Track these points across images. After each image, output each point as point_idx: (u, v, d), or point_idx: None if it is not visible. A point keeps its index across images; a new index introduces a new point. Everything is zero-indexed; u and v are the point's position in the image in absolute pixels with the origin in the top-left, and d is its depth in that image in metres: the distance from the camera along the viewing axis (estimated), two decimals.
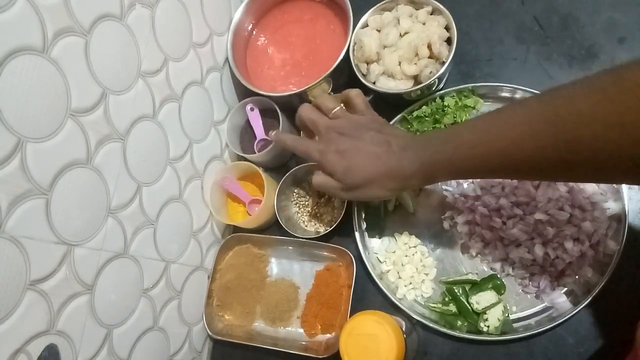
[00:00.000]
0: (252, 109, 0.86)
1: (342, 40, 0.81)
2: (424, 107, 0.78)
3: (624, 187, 0.65)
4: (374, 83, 0.76)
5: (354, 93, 0.66)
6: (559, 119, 0.45)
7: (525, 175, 0.60)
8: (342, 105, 0.66)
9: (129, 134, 0.63)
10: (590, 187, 0.66)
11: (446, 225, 0.74)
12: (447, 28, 0.75)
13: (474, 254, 0.71)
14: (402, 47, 0.74)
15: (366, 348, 0.59)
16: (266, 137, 0.86)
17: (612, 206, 0.65)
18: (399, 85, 0.75)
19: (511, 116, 0.49)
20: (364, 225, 0.78)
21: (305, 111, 0.67)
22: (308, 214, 0.84)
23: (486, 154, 0.51)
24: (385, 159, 0.58)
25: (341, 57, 0.76)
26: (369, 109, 0.66)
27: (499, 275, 0.69)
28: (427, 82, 0.72)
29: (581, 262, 0.64)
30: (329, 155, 0.61)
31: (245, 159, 0.86)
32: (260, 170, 0.82)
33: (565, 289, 0.65)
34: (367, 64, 0.77)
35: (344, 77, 0.82)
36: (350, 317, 0.65)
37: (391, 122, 0.79)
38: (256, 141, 0.87)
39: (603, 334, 0.63)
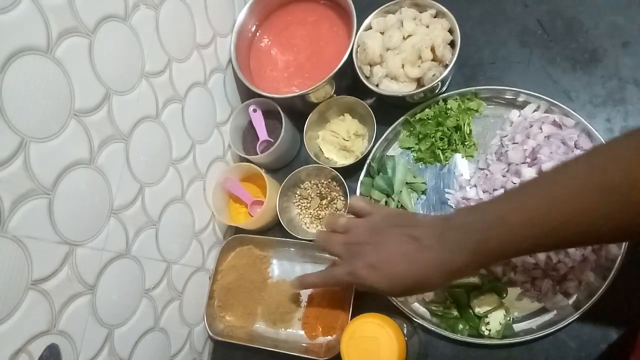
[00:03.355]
0: (254, 111, 0.87)
1: (345, 42, 0.81)
2: (427, 109, 0.78)
3: None
4: (377, 85, 0.76)
5: (352, 200, 0.64)
6: (615, 186, 0.42)
7: (588, 243, 0.57)
8: (348, 215, 0.64)
9: (132, 135, 0.63)
10: None
11: None
12: (451, 31, 0.75)
13: None
14: (406, 49, 0.74)
15: (367, 351, 0.59)
16: (269, 139, 0.86)
17: None
18: (402, 88, 0.75)
19: (561, 189, 0.45)
20: None
21: (319, 240, 0.64)
22: (310, 215, 0.84)
23: (543, 233, 0.47)
24: (421, 258, 0.53)
25: (344, 59, 0.77)
26: (375, 206, 0.64)
27: (501, 279, 0.69)
28: (430, 85, 0.72)
29: (583, 267, 0.64)
30: (361, 272, 0.56)
31: (248, 160, 0.86)
32: (262, 172, 0.82)
33: (568, 293, 0.65)
34: (371, 66, 0.77)
35: (347, 79, 0.82)
36: (351, 319, 0.65)
37: (394, 125, 0.79)
38: (259, 142, 0.87)
39: (605, 338, 0.63)
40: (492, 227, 0.49)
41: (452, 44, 0.74)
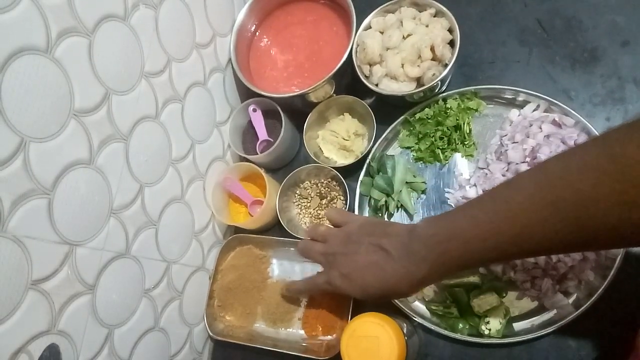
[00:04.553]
0: (254, 110, 0.86)
1: (345, 42, 0.81)
2: (426, 109, 0.78)
3: None
4: (376, 85, 0.76)
5: (328, 213, 0.68)
6: (563, 202, 0.43)
7: (542, 254, 0.60)
8: (325, 225, 0.67)
9: (131, 135, 0.63)
10: None
11: None
12: (450, 30, 0.75)
13: None
14: (405, 49, 0.74)
15: (367, 350, 0.59)
16: (268, 139, 0.86)
17: None
18: (402, 88, 0.75)
19: (511, 204, 0.47)
20: None
21: (300, 248, 0.68)
22: (309, 215, 0.84)
23: (497, 246, 0.48)
24: (389, 269, 0.55)
25: (344, 58, 0.76)
26: (350, 216, 0.67)
27: (501, 279, 0.69)
28: (429, 85, 0.72)
29: (583, 266, 0.64)
30: (337, 282, 0.60)
31: (248, 160, 0.86)
32: (262, 171, 0.82)
33: (567, 292, 0.65)
34: (370, 65, 0.77)
35: (347, 78, 0.82)
36: (351, 319, 0.65)
37: (393, 124, 0.79)
38: (258, 142, 0.87)
39: (605, 337, 0.63)
40: (450, 240, 0.51)
41: (451, 43, 0.74)
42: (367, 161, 0.79)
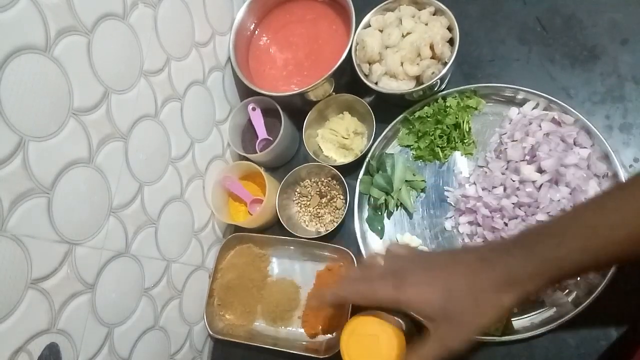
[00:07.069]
0: (253, 109, 0.86)
1: (344, 40, 0.80)
2: (426, 107, 0.78)
3: None
4: (376, 83, 0.76)
5: (393, 247, 0.58)
6: None
7: None
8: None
9: (130, 133, 0.63)
10: (591, 189, 0.66)
11: (448, 225, 0.74)
12: (450, 29, 0.74)
13: None
14: (405, 47, 0.74)
15: (367, 348, 0.59)
16: (268, 137, 0.86)
17: None
18: (401, 86, 0.75)
19: (624, 214, 0.44)
20: (365, 226, 0.78)
21: (345, 289, 0.55)
22: (309, 213, 0.84)
23: (617, 252, 0.45)
24: (485, 268, 0.46)
25: (343, 57, 0.76)
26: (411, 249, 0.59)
27: None
28: (429, 83, 0.72)
29: None
30: (409, 290, 0.48)
31: (247, 159, 0.86)
32: (261, 170, 0.82)
33: (567, 290, 0.65)
34: (370, 64, 0.77)
35: (346, 77, 0.82)
36: (351, 317, 0.65)
37: (393, 123, 0.79)
38: (258, 141, 0.87)
39: (604, 335, 0.63)
40: (560, 245, 0.46)
41: (451, 42, 0.74)
42: (367, 160, 0.79)
